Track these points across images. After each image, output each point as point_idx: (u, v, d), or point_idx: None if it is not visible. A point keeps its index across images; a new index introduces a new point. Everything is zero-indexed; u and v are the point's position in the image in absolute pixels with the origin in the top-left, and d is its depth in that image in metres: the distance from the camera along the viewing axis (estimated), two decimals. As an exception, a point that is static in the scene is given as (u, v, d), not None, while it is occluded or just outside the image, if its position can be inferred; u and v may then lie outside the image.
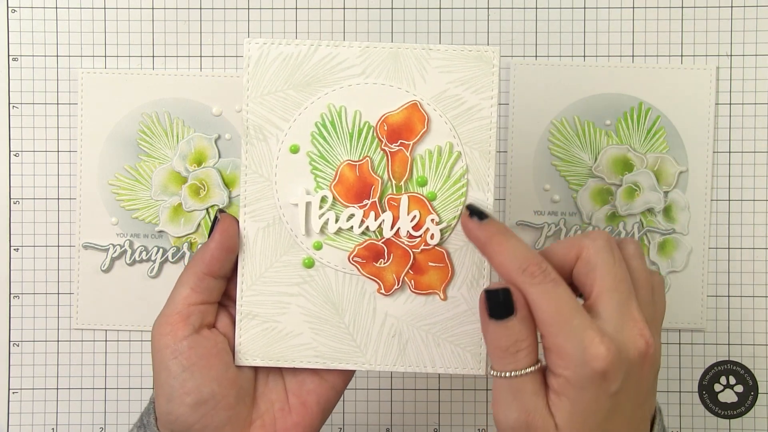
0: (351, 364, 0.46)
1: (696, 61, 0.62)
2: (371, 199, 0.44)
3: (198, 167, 0.62)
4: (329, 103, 0.44)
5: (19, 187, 0.62)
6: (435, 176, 0.44)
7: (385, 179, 0.44)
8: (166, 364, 0.42)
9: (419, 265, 0.45)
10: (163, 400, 0.43)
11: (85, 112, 0.62)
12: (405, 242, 0.44)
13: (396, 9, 0.62)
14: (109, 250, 0.62)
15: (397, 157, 0.44)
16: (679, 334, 0.62)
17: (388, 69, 0.43)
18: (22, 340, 0.63)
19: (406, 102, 0.43)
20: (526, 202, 0.62)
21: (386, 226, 0.44)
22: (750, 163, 0.62)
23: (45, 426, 0.63)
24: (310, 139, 0.44)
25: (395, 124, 0.44)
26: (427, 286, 0.45)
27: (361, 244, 0.45)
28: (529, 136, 0.62)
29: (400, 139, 0.44)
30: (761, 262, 0.62)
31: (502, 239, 0.41)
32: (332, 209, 0.45)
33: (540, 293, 0.40)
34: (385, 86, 0.44)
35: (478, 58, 0.43)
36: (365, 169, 0.44)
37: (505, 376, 0.40)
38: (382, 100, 0.44)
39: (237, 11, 0.62)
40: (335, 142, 0.44)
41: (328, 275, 0.45)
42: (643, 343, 0.40)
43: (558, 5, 0.62)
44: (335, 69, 0.44)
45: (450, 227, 0.44)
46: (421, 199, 0.44)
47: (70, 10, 0.62)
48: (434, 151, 0.44)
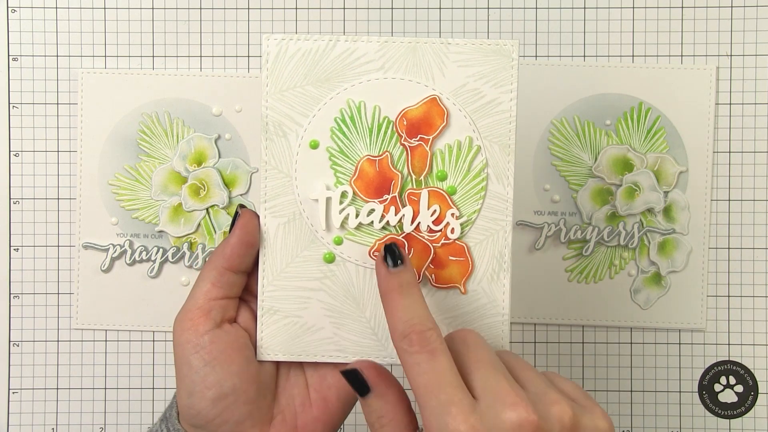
0: (373, 358, 0.46)
1: (696, 61, 0.62)
2: (391, 194, 0.44)
3: (198, 167, 0.62)
4: (348, 99, 0.44)
5: (19, 187, 0.62)
6: (455, 171, 0.44)
7: (405, 174, 0.44)
8: (188, 359, 0.42)
9: (440, 260, 0.45)
10: (184, 394, 0.43)
11: (85, 112, 0.62)
12: (425, 237, 0.44)
13: (396, 9, 0.62)
14: (109, 250, 0.62)
15: (417, 151, 0.44)
16: (679, 334, 0.62)
17: (407, 63, 0.43)
18: (22, 340, 0.63)
19: (425, 96, 0.44)
20: (526, 202, 0.62)
21: (406, 221, 0.44)
22: (750, 163, 0.62)
23: (45, 426, 0.63)
24: (329, 135, 0.44)
25: (415, 118, 0.44)
26: (447, 279, 0.45)
27: (381, 239, 0.45)
28: (529, 136, 0.62)
29: (419, 134, 0.44)
30: (761, 262, 0.62)
31: (397, 297, 0.40)
32: (352, 204, 0.45)
33: (411, 364, 0.38)
34: (404, 81, 0.44)
35: (497, 52, 0.43)
36: (385, 164, 0.44)
37: None
38: (401, 95, 0.44)
39: (237, 11, 0.62)
40: (355, 138, 0.44)
41: (348, 270, 0.46)
42: (515, 415, 0.36)
43: (558, 5, 0.62)
44: (354, 64, 0.44)
45: (470, 221, 0.44)
46: (441, 194, 0.44)
47: (70, 10, 0.62)
48: (454, 146, 0.44)
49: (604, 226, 0.61)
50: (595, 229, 0.61)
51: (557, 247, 0.62)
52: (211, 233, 0.62)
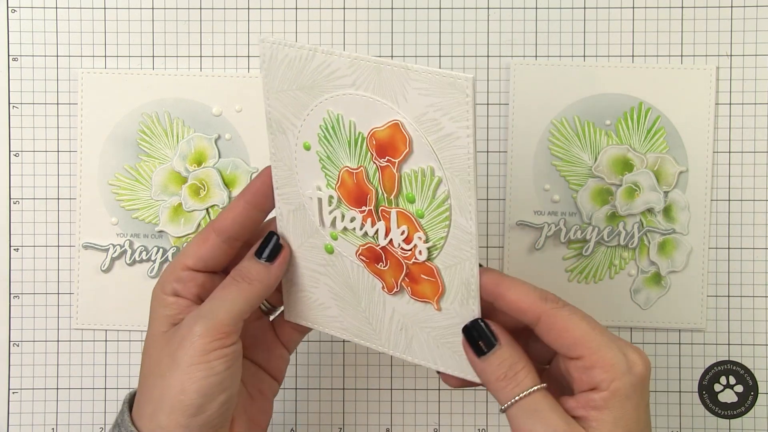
0: (370, 343, 0.47)
1: (696, 61, 0.62)
2: (368, 207, 0.44)
3: (198, 167, 0.62)
4: (328, 110, 0.43)
5: (19, 187, 0.62)
6: (421, 196, 0.42)
7: (380, 190, 0.43)
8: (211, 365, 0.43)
9: (413, 275, 0.44)
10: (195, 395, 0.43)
11: (85, 112, 0.62)
12: (398, 253, 0.44)
13: (396, 9, 0.62)
14: (109, 250, 0.62)
15: (386, 172, 0.42)
16: (679, 334, 0.62)
17: (374, 83, 0.41)
18: (22, 340, 0.63)
19: (389, 120, 0.41)
20: (526, 202, 0.62)
21: (380, 235, 0.44)
22: (750, 163, 0.62)
23: (45, 426, 0.63)
24: (317, 140, 0.44)
25: (382, 140, 0.41)
26: (422, 295, 0.44)
27: (363, 245, 0.45)
28: (529, 136, 0.62)
29: (387, 156, 0.42)
30: (761, 262, 0.62)
31: (510, 281, 0.42)
32: (338, 208, 0.45)
33: (569, 314, 0.40)
34: (373, 100, 0.41)
35: (452, 85, 0.38)
36: (360, 178, 0.43)
37: (515, 401, 0.40)
38: (371, 113, 0.41)
39: (237, 11, 0.62)
40: (337, 147, 0.43)
41: (345, 263, 0.46)
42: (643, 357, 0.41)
43: (558, 5, 0.62)
44: (331, 77, 0.42)
45: (437, 247, 0.42)
46: (409, 216, 0.43)
47: (70, 10, 0.62)
48: (419, 172, 0.41)
49: (604, 226, 0.61)
50: (595, 229, 0.61)
51: (557, 247, 0.62)
52: (211, 233, 0.62)
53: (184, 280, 0.46)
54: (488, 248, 0.62)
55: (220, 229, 0.46)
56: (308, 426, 0.63)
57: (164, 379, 0.43)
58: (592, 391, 0.40)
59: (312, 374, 0.63)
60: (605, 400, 0.39)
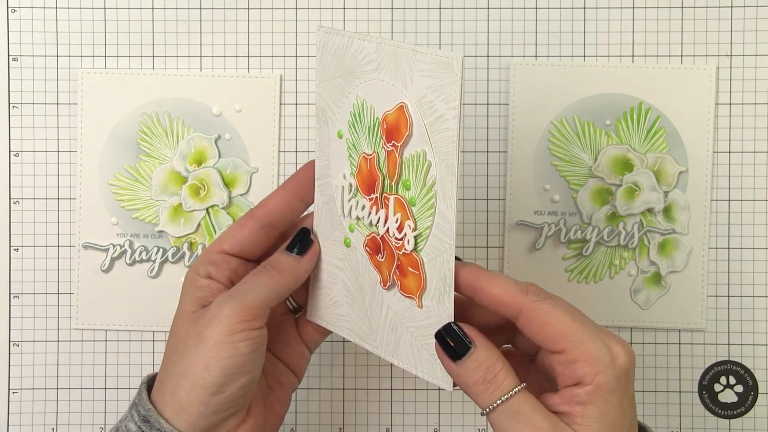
0: (367, 344, 0.47)
1: (696, 61, 0.62)
2: (375, 194, 0.44)
3: (198, 167, 0.62)
4: (357, 95, 0.44)
5: (19, 187, 0.62)
6: (415, 182, 0.42)
7: (385, 176, 0.43)
8: (236, 345, 0.43)
9: (403, 268, 0.44)
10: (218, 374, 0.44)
11: (85, 112, 0.62)
12: (392, 242, 0.44)
13: (396, 9, 0.62)
14: (109, 250, 0.62)
15: (391, 157, 0.43)
16: (679, 334, 0.62)
17: (392, 67, 0.41)
18: (22, 340, 0.63)
19: (398, 103, 0.41)
20: (526, 202, 0.62)
21: (380, 224, 0.44)
22: (750, 163, 0.62)
23: (45, 426, 0.63)
24: (348, 127, 0.44)
25: (390, 124, 0.42)
26: (408, 290, 0.44)
27: (368, 235, 0.45)
28: (529, 136, 0.62)
29: (392, 140, 0.42)
30: (761, 262, 0.62)
31: (489, 275, 0.41)
32: (355, 197, 0.45)
33: (550, 308, 0.40)
34: (388, 84, 0.42)
35: (444, 64, 0.38)
36: (373, 164, 0.44)
37: (496, 405, 0.40)
38: (386, 98, 0.42)
39: (237, 11, 0.62)
40: (361, 133, 0.44)
41: (358, 257, 0.46)
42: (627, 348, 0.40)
43: (558, 5, 0.62)
44: (363, 62, 0.43)
45: (423, 237, 0.42)
46: (403, 203, 0.42)
47: (70, 10, 0.62)
48: (415, 157, 0.41)
49: (604, 226, 0.61)
50: (595, 229, 0.61)
51: (557, 247, 0.62)
52: (211, 233, 0.62)
53: (218, 263, 0.47)
54: (488, 248, 0.62)
55: (259, 214, 0.47)
56: (308, 426, 0.63)
57: (189, 356, 0.44)
58: (575, 386, 0.39)
59: (312, 374, 0.63)
60: (589, 395, 0.38)
